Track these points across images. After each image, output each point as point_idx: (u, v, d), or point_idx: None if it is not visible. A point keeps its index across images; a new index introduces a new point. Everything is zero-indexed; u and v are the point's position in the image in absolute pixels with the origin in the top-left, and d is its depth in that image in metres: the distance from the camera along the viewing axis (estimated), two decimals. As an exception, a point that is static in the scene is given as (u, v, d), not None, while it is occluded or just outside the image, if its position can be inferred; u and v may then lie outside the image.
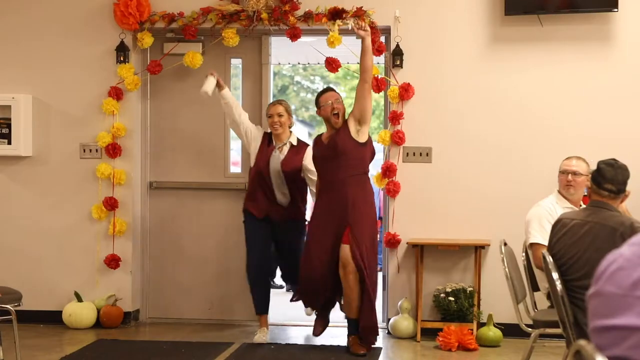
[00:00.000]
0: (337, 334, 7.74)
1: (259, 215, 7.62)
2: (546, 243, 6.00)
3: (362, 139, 7.07)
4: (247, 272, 7.70)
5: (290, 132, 7.81)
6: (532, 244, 6.20)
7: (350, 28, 5.84)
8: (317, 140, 7.39)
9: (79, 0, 8.14)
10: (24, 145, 8.23)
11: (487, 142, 7.88)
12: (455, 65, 7.94)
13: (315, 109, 7.47)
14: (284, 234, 7.82)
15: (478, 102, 7.91)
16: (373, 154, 7.36)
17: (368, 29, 6.79)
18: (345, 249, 6.95)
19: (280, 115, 7.48)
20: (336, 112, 7.05)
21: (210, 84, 7.35)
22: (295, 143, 7.74)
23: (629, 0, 7.63)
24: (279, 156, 7.59)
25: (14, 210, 8.06)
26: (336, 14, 6.27)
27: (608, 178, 5.30)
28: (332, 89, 7.50)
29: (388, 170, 7.98)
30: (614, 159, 5.39)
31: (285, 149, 7.64)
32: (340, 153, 6.95)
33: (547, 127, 7.79)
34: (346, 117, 7.23)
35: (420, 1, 7.90)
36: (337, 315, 7.72)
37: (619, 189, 5.35)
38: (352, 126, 7.04)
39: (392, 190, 7.99)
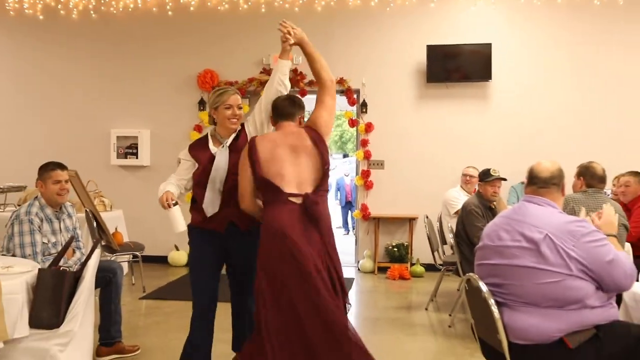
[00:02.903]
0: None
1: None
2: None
3: None
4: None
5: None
6: (457, 212, 6.24)
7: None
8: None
9: (177, 73, 8.18)
10: (145, 159, 8.30)
11: (417, 156, 7.90)
12: (398, 111, 7.95)
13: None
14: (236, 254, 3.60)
15: (411, 133, 7.92)
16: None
17: (291, 33, 3.46)
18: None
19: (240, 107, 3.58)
20: None
21: (177, 218, 3.37)
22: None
23: (497, 74, 7.66)
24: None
25: (139, 199, 8.06)
26: None
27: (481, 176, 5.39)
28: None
29: (366, 175, 8.00)
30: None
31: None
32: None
33: (453, 147, 7.82)
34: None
35: (378, 74, 7.92)
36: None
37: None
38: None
39: (368, 186, 7.97)
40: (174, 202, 3.37)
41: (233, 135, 3.60)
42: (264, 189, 3.24)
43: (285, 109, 3.47)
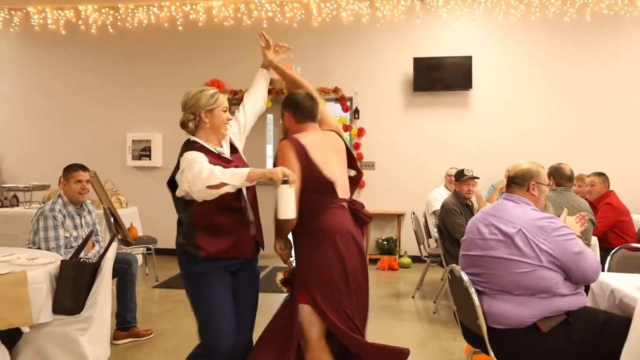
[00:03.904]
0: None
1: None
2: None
3: None
4: None
5: None
6: (435, 211, 6.25)
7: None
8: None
9: (186, 82, 8.05)
10: (158, 161, 8.28)
11: (405, 158, 7.90)
12: (387, 117, 7.94)
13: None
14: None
15: (399, 137, 7.92)
16: None
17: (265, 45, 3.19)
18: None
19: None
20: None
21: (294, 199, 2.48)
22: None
23: (477, 83, 7.68)
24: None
25: (152, 197, 7.95)
26: None
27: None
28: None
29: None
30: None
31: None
32: None
33: (437, 150, 7.82)
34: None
35: (369, 83, 7.92)
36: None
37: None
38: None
39: (360, 185, 7.87)
40: None
41: (227, 145, 2.82)
42: (316, 193, 2.71)
43: (313, 110, 2.88)
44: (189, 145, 2.75)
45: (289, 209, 2.45)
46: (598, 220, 5.01)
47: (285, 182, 2.42)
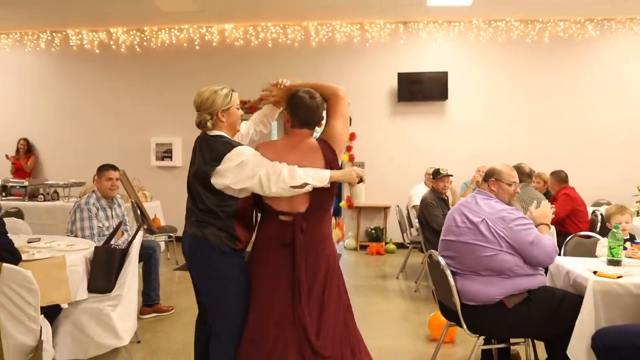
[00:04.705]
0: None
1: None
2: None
3: None
4: None
5: None
6: (415, 205, 6.23)
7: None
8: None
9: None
10: (178, 161, 8.22)
11: (390, 159, 7.86)
12: (376, 124, 7.91)
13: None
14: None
15: (385, 141, 7.89)
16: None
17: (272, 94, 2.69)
18: None
19: None
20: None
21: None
22: None
23: (452, 95, 7.66)
24: None
25: (173, 192, 7.79)
26: None
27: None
28: None
29: (350, 174, 7.95)
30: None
31: None
32: None
33: (418, 152, 7.79)
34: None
35: (360, 94, 7.86)
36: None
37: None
38: None
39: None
40: None
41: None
42: (257, 203, 2.39)
43: (308, 116, 2.39)
44: (228, 142, 2.37)
45: (362, 198, 3.09)
46: (557, 208, 5.06)
47: (360, 181, 2.44)
